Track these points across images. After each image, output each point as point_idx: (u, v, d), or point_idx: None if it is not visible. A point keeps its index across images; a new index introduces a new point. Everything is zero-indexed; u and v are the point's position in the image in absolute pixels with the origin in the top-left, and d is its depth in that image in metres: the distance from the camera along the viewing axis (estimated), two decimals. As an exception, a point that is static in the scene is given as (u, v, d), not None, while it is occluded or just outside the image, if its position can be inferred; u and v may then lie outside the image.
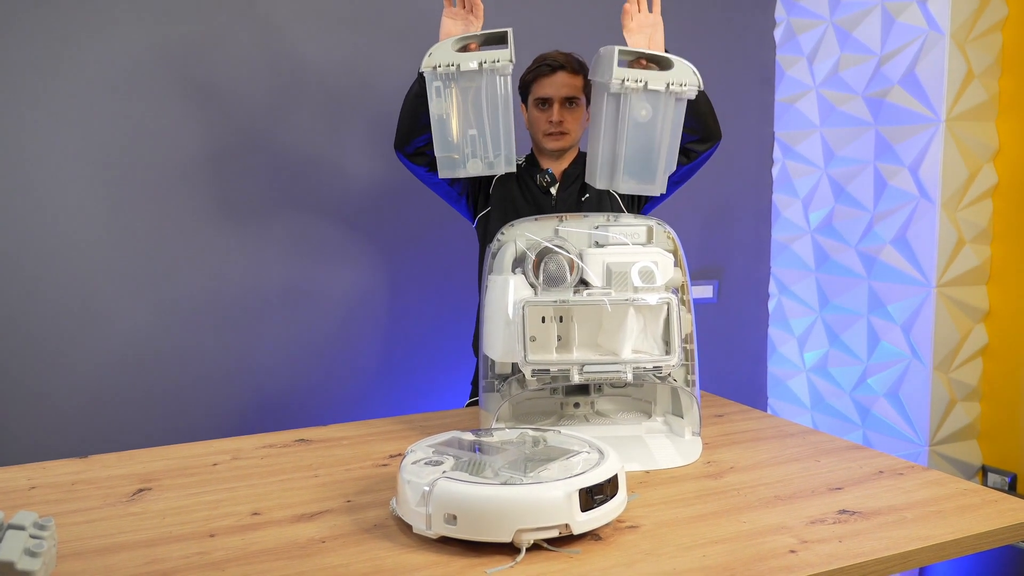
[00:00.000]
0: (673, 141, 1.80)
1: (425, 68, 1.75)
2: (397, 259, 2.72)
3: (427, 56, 1.75)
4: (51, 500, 1.39)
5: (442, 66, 1.74)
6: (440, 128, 1.78)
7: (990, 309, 2.72)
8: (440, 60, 1.74)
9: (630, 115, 1.75)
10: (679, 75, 1.75)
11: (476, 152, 1.80)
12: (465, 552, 1.18)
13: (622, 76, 1.73)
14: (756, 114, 3.18)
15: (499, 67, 1.74)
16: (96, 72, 2.33)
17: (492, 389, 1.66)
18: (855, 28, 2.84)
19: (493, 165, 1.81)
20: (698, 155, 2.09)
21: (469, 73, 1.74)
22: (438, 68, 1.74)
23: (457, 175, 1.83)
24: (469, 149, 1.80)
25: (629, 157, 1.78)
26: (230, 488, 1.44)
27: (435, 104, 1.77)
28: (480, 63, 1.74)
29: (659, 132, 1.76)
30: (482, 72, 1.74)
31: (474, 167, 1.81)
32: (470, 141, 1.79)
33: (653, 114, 1.75)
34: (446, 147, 1.79)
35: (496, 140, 1.79)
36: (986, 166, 2.65)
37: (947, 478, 1.46)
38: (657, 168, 1.80)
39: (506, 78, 1.76)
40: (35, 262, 2.31)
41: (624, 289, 1.59)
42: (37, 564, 0.95)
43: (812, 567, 1.14)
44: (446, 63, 1.74)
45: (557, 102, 2.16)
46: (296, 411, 2.61)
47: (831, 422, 3.02)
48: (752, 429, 1.78)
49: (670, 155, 1.79)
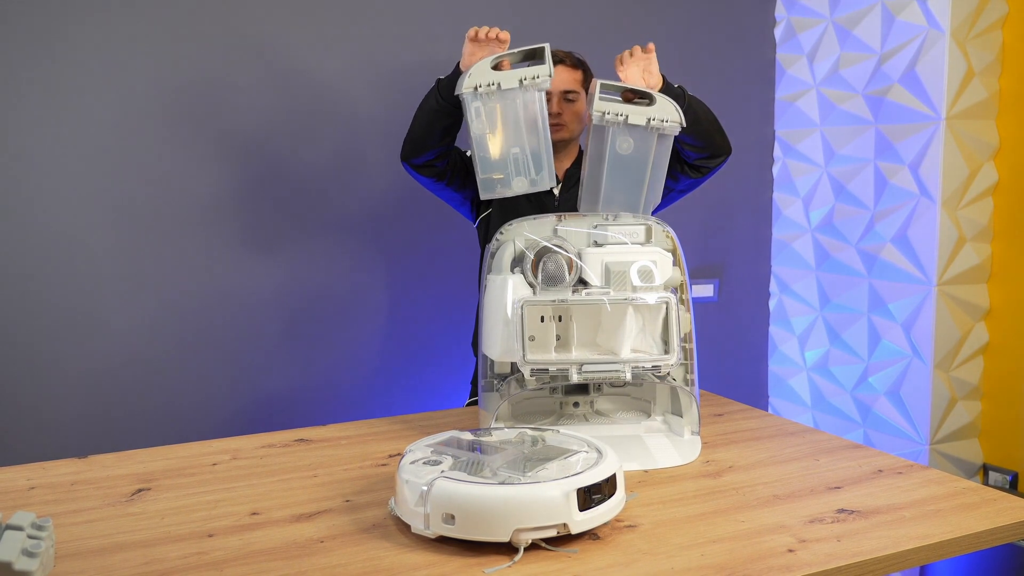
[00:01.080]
0: (656, 174, 1.82)
1: (465, 90, 1.74)
2: (397, 259, 2.72)
3: (466, 77, 1.74)
4: (50, 500, 1.39)
5: (483, 86, 1.73)
6: (482, 149, 1.77)
7: (991, 307, 2.71)
8: (480, 80, 1.73)
9: (612, 147, 1.76)
10: (661, 111, 1.76)
11: (520, 170, 1.80)
12: (463, 552, 1.18)
13: (603, 109, 1.75)
14: (756, 113, 3.18)
15: (539, 83, 1.74)
16: (98, 78, 2.33)
17: (491, 388, 1.66)
18: (855, 26, 2.84)
19: (536, 182, 1.81)
20: (709, 170, 2.10)
21: (508, 91, 1.74)
22: (479, 88, 1.73)
23: (502, 195, 1.83)
24: (512, 168, 1.79)
25: (611, 187, 1.81)
26: (229, 488, 1.45)
27: (476, 125, 1.76)
28: (521, 80, 1.73)
29: (642, 165, 1.78)
30: (521, 89, 1.74)
31: (519, 185, 1.81)
32: (512, 160, 1.78)
33: (635, 147, 1.77)
34: (489, 167, 1.78)
35: (538, 156, 1.79)
36: (986, 164, 2.65)
37: (946, 477, 1.46)
38: (640, 200, 1.82)
39: (543, 93, 1.76)
40: (35, 263, 2.31)
41: (623, 288, 1.59)
42: (35, 564, 0.96)
43: (810, 566, 1.14)
44: (486, 83, 1.73)
45: (556, 95, 2.17)
46: (295, 411, 2.61)
47: (832, 421, 3.02)
48: (752, 428, 1.78)
49: (654, 187, 1.81)
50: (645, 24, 2.96)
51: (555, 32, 2.76)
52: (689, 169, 2.08)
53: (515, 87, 1.73)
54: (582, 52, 2.27)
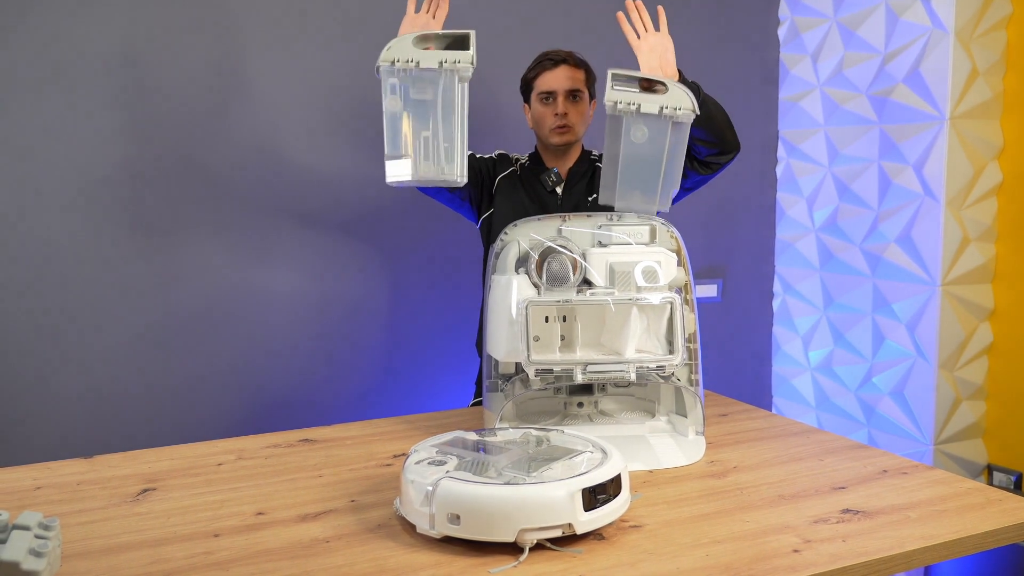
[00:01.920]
0: (674, 163, 1.79)
1: (382, 62, 1.68)
2: (401, 259, 2.72)
3: (385, 50, 1.68)
4: (56, 500, 1.40)
5: (400, 61, 1.67)
6: (392, 126, 1.71)
7: (995, 307, 2.71)
8: (398, 55, 1.68)
9: (627, 136, 1.75)
10: (673, 100, 1.75)
11: (428, 156, 1.72)
12: (468, 552, 1.18)
13: (615, 99, 1.73)
14: (760, 113, 3.18)
15: (460, 68, 1.68)
16: (99, 80, 2.33)
17: (496, 389, 1.66)
18: (859, 26, 2.84)
19: (445, 172, 1.73)
20: (719, 166, 2.10)
21: (427, 72, 1.68)
22: (396, 63, 1.68)
23: (404, 181, 1.75)
24: (421, 153, 1.72)
25: (628, 177, 1.78)
26: (234, 488, 1.45)
27: (389, 101, 1.70)
28: (440, 62, 1.68)
29: (658, 155, 1.76)
30: (441, 72, 1.68)
31: (426, 171, 1.73)
32: (423, 144, 1.72)
33: (650, 136, 1.75)
34: (396, 147, 1.71)
35: (450, 147, 1.72)
36: (991, 164, 2.65)
37: (952, 477, 1.46)
38: (657, 189, 1.80)
39: (464, 84, 1.70)
40: (40, 264, 2.32)
41: (627, 289, 1.59)
42: (42, 564, 0.96)
43: (816, 566, 1.14)
44: (404, 59, 1.67)
45: (561, 95, 2.16)
46: (300, 411, 2.62)
47: (836, 421, 3.02)
48: (756, 428, 1.78)
49: (671, 176, 1.79)
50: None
51: (557, 32, 2.77)
52: (699, 165, 2.08)
53: (434, 68, 1.68)
54: (583, 52, 2.27)
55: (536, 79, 2.20)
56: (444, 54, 1.69)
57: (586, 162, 2.24)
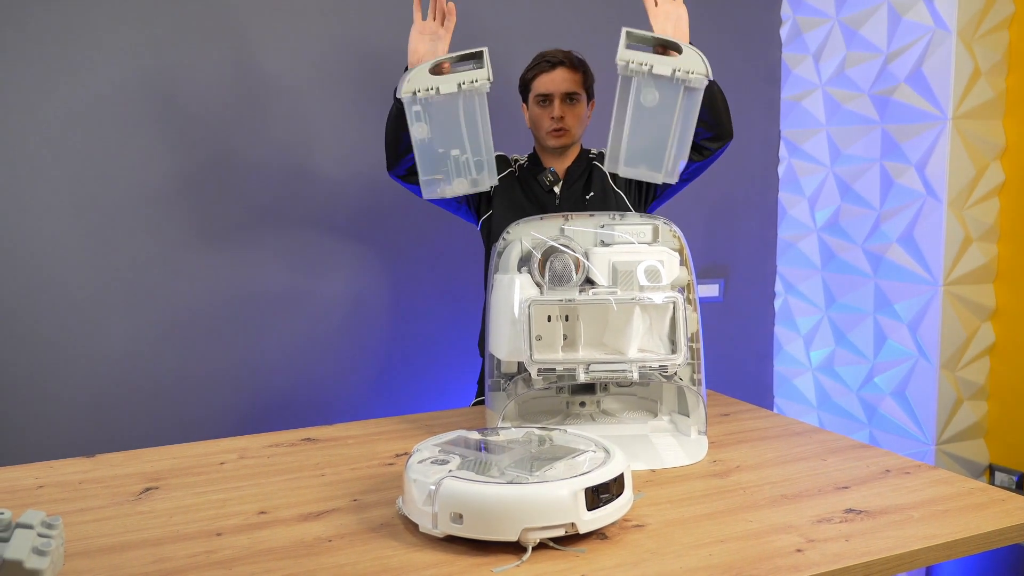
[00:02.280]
0: (684, 130, 1.75)
1: (404, 94, 1.74)
2: (403, 259, 2.72)
3: (404, 82, 1.74)
4: (58, 499, 1.40)
5: (421, 91, 1.73)
6: (422, 151, 1.78)
7: (997, 307, 2.71)
8: (418, 85, 1.73)
9: (637, 99, 1.73)
10: (687, 63, 1.71)
11: (460, 171, 1.80)
12: (471, 551, 1.18)
13: (627, 58, 1.70)
14: (762, 112, 3.18)
15: (478, 87, 1.74)
16: (102, 82, 2.33)
17: (498, 388, 1.66)
18: (861, 26, 2.84)
19: (477, 182, 1.81)
20: (711, 152, 2.08)
21: (448, 96, 1.74)
22: (417, 93, 1.73)
23: (444, 196, 1.83)
24: (453, 169, 1.80)
25: (635, 141, 1.75)
26: (237, 487, 1.45)
27: (416, 128, 1.77)
28: (459, 84, 1.73)
29: (667, 119, 1.73)
30: (460, 93, 1.74)
31: (460, 186, 1.81)
32: (453, 162, 1.78)
33: (662, 100, 1.73)
34: (429, 169, 1.79)
35: (479, 158, 1.79)
36: (993, 164, 2.65)
37: (954, 477, 1.46)
38: (665, 156, 1.76)
39: (483, 96, 1.75)
40: (42, 263, 2.32)
41: (630, 288, 1.59)
42: (45, 563, 0.96)
43: (818, 566, 1.14)
44: (424, 88, 1.73)
45: (558, 98, 2.15)
46: (302, 410, 2.62)
47: (837, 421, 3.02)
48: (758, 428, 1.78)
49: (681, 144, 1.75)
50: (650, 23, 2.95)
51: (558, 32, 2.76)
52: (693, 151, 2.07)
53: (454, 91, 1.73)
54: (584, 52, 2.26)
55: (533, 81, 2.19)
56: (461, 76, 1.74)
57: (584, 161, 2.24)
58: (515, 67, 2.42)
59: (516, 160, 2.28)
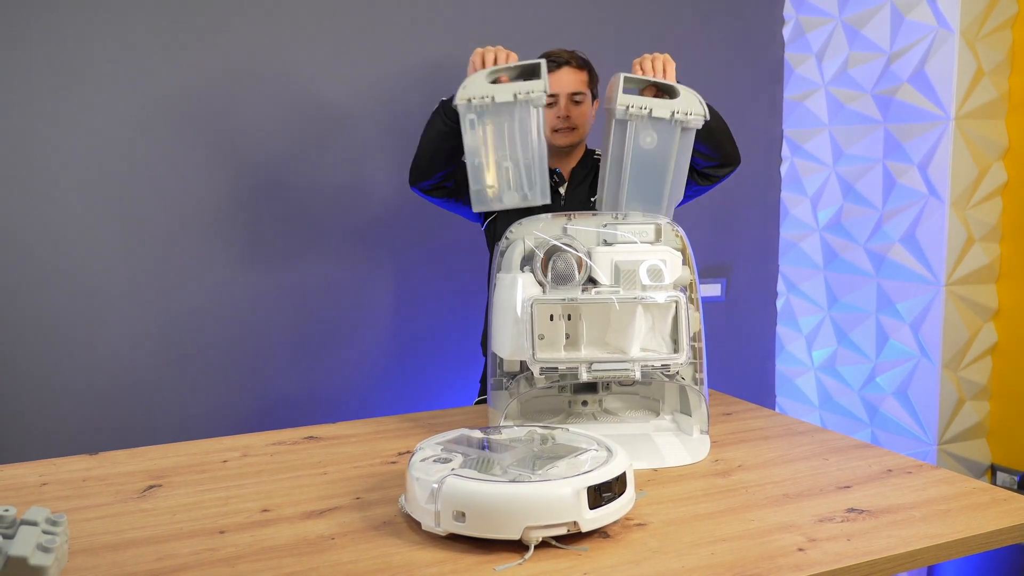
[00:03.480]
0: (680, 170, 1.79)
1: (460, 101, 1.73)
2: (406, 258, 2.72)
3: (461, 89, 1.73)
4: (62, 496, 1.40)
5: (476, 98, 1.73)
6: (475, 160, 1.76)
7: (999, 307, 2.71)
8: (475, 92, 1.73)
9: (635, 142, 1.75)
10: (685, 104, 1.74)
11: (512, 184, 1.79)
12: (474, 549, 1.18)
13: (627, 103, 1.73)
14: (764, 112, 3.18)
15: (534, 98, 1.73)
16: (104, 85, 2.34)
17: (500, 387, 1.67)
18: (864, 26, 2.84)
19: (528, 197, 1.80)
20: (718, 179, 2.11)
21: (503, 105, 1.73)
22: (472, 100, 1.73)
23: (492, 208, 1.82)
24: (505, 181, 1.79)
25: (634, 183, 1.78)
26: (240, 485, 1.45)
27: (469, 136, 1.75)
28: (515, 95, 1.72)
29: (665, 160, 1.76)
30: (516, 104, 1.73)
31: (510, 199, 1.80)
32: (505, 173, 1.77)
33: (659, 142, 1.75)
34: (481, 179, 1.78)
35: (531, 172, 1.78)
36: (995, 164, 2.65)
37: (956, 477, 1.46)
38: (663, 196, 1.80)
39: (539, 109, 1.75)
40: (47, 261, 2.32)
41: (632, 287, 1.59)
42: (49, 559, 0.96)
43: (820, 565, 1.14)
44: (480, 95, 1.72)
45: (564, 97, 2.15)
46: (305, 408, 2.62)
47: (839, 420, 3.02)
48: (760, 427, 1.78)
49: (677, 183, 1.79)
50: (653, 23, 2.96)
51: (561, 31, 2.76)
52: (698, 176, 2.08)
53: (510, 101, 1.73)
54: (589, 52, 2.26)
55: None
56: (517, 86, 1.73)
57: (588, 162, 2.25)
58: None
59: None
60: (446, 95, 1.93)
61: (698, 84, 1.98)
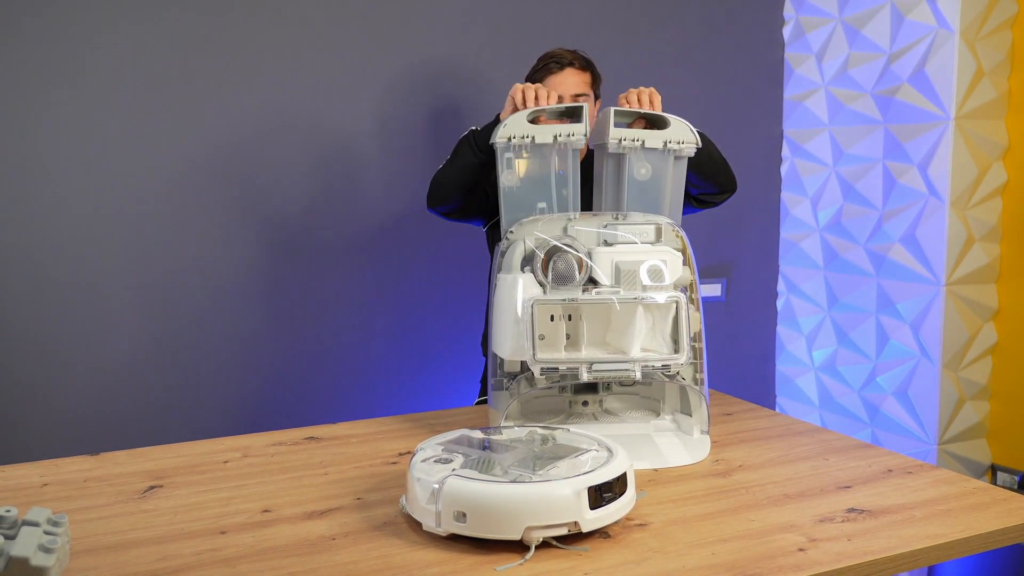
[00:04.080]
0: (675, 198, 1.79)
1: (499, 140, 1.73)
2: (406, 258, 2.72)
3: (501, 127, 1.73)
4: (63, 497, 1.40)
5: (516, 137, 1.73)
6: (508, 199, 1.76)
7: (999, 307, 2.71)
8: (515, 132, 1.73)
9: (630, 174, 1.75)
10: (676, 134, 1.75)
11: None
12: (474, 550, 1.18)
13: (619, 136, 1.73)
14: (764, 112, 3.18)
15: (573, 141, 1.73)
16: (107, 87, 2.34)
17: (501, 387, 1.67)
18: (864, 26, 2.84)
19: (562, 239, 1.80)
20: (714, 204, 2.12)
21: (542, 146, 1.73)
22: (512, 139, 1.73)
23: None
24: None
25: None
26: (241, 485, 1.45)
27: (506, 176, 1.75)
28: (556, 136, 1.72)
29: (660, 190, 1.76)
30: (555, 145, 1.73)
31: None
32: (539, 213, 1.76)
33: (653, 173, 1.75)
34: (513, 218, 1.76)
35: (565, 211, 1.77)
36: (996, 164, 2.65)
37: (956, 477, 1.46)
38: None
39: (577, 152, 1.75)
40: (46, 262, 2.32)
41: (633, 288, 1.59)
42: (51, 560, 0.96)
43: (821, 565, 1.14)
44: (521, 135, 1.72)
45: (568, 99, 2.13)
46: (306, 409, 2.62)
47: (839, 420, 3.02)
48: (761, 427, 1.78)
49: (673, 212, 1.79)
50: (653, 23, 2.96)
51: (562, 31, 2.77)
52: (693, 200, 2.09)
53: (549, 142, 1.73)
54: (589, 51, 2.26)
55: (542, 82, 2.16)
56: (558, 128, 1.73)
57: (589, 164, 2.23)
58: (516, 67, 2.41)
59: None
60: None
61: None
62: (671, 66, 3.00)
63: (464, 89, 2.72)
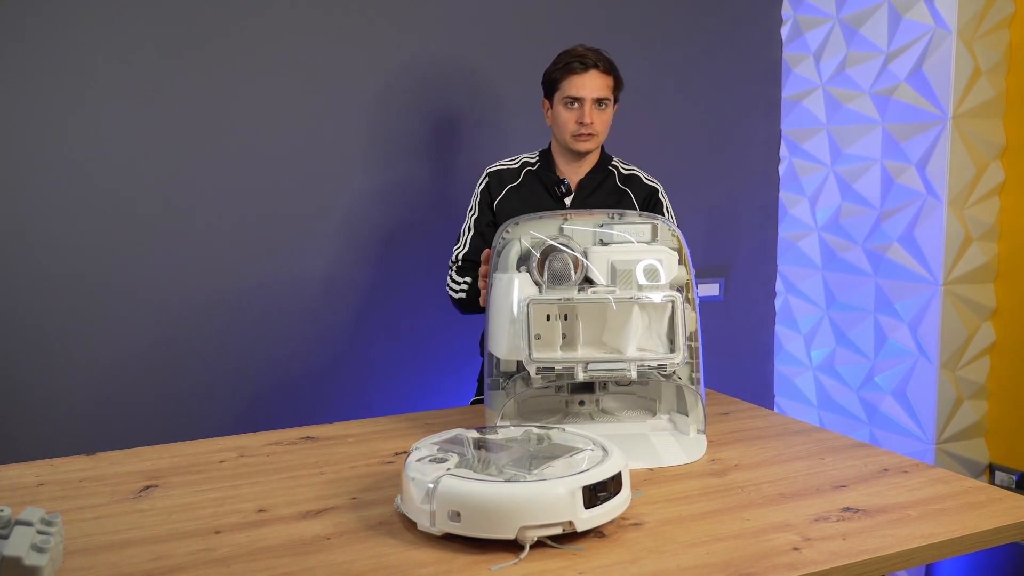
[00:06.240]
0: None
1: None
2: (402, 257, 2.72)
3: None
4: (59, 497, 1.40)
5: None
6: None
7: (997, 307, 2.71)
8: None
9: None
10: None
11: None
12: (469, 549, 1.18)
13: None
14: (763, 111, 3.18)
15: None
16: (107, 87, 2.34)
17: (497, 387, 1.67)
18: (862, 25, 2.84)
19: None
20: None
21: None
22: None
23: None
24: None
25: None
26: (236, 485, 1.45)
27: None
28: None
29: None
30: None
31: None
32: None
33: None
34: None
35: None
36: (993, 163, 2.65)
37: (952, 476, 1.46)
38: None
39: None
40: (43, 262, 2.32)
41: (629, 287, 1.59)
42: (44, 560, 0.96)
43: (816, 564, 1.14)
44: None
45: (588, 102, 2.07)
46: (301, 409, 2.62)
47: (838, 420, 3.02)
48: (757, 427, 1.78)
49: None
50: (652, 22, 2.96)
51: (562, 30, 2.76)
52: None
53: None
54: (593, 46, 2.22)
55: (563, 81, 2.09)
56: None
57: (601, 172, 2.17)
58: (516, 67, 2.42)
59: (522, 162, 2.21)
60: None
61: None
62: (669, 66, 3.00)
63: (464, 89, 2.72)
